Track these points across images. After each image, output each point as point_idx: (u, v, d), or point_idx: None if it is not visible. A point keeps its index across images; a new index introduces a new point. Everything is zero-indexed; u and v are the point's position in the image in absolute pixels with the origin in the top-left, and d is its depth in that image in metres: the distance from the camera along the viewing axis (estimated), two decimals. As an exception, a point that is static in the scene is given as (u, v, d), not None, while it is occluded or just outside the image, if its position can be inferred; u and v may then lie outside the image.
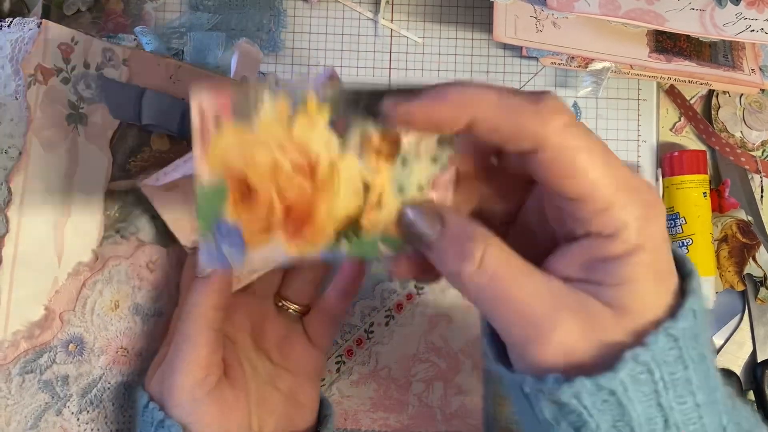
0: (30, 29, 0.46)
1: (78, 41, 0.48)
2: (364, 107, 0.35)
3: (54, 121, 0.47)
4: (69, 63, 0.48)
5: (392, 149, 0.36)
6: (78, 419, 0.50)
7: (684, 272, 0.35)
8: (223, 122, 0.34)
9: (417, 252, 0.37)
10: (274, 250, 0.36)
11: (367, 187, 0.37)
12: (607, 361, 0.32)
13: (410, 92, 0.34)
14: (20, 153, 0.45)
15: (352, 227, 0.37)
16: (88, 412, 0.50)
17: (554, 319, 0.33)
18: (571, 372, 0.32)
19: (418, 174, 0.37)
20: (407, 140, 0.36)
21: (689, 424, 0.33)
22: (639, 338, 0.32)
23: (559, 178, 0.33)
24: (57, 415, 0.49)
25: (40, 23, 0.46)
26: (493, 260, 0.34)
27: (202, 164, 0.34)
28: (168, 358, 0.49)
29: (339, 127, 0.35)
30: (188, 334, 0.48)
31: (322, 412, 0.59)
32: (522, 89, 0.33)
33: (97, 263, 0.50)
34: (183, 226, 0.52)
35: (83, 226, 0.49)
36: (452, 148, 0.37)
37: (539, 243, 0.38)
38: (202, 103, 0.33)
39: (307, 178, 0.36)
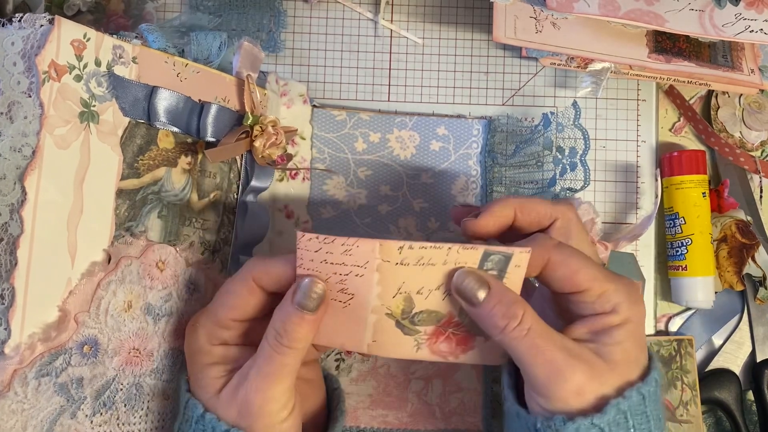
0: (42, 25, 0.46)
1: (90, 38, 0.48)
2: None
3: (67, 119, 0.47)
4: (81, 60, 0.48)
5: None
6: (92, 422, 0.49)
7: (648, 353, 0.50)
8: None
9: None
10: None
11: None
12: (597, 405, 0.45)
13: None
14: (34, 152, 0.45)
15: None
16: (101, 414, 0.50)
17: (572, 366, 0.45)
18: (573, 412, 0.45)
19: None
20: None
21: None
22: (621, 392, 0.46)
23: (567, 279, 0.48)
24: (71, 419, 0.48)
25: (52, 19, 0.46)
26: (530, 319, 0.47)
27: None
28: (255, 384, 0.49)
29: None
30: (284, 363, 0.49)
31: (330, 386, 0.60)
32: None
33: (110, 263, 0.50)
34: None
35: (95, 226, 0.49)
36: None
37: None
38: None
39: None
